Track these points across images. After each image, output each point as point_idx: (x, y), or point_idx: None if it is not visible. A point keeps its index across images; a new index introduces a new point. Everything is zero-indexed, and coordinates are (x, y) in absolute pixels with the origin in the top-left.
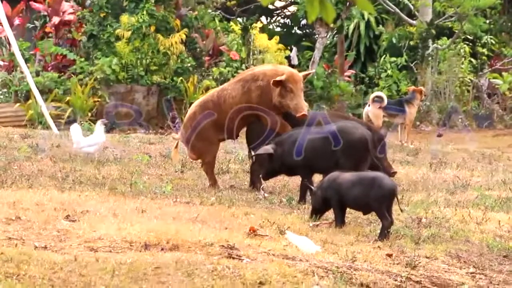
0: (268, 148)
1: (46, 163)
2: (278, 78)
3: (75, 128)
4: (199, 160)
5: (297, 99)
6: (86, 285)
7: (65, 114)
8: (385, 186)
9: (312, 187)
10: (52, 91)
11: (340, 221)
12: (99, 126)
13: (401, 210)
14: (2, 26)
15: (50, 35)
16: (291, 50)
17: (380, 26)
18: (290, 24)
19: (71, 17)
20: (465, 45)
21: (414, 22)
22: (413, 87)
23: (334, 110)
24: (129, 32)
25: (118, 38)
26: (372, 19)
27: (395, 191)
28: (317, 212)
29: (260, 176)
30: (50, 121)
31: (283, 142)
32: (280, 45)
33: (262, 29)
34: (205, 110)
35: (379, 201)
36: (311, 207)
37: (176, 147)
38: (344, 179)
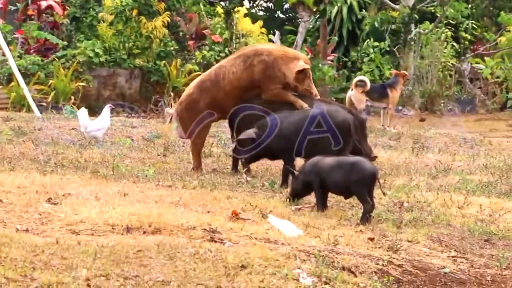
0: (250, 133)
1: (28, 146)
2: (303, 66)
3: (83, 112)
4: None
5: (312, 84)
6: (67, 268)
7: (48, 98)
8: (366, 170)
9: (295, 171)
10: (34, 74)
11: (321, 205)
12: (106, 111)
13: (384, 194)
14: None
15: (32, 17)
16: (274, 34)
17: (363, 10)
18: (273, 8)
19: (52, 3)
20: (447, 30)
21: (397, 6)
22: (395, 71)
23: None
24: (112, 16)
25: (100, 21)
26: (355, 3)
27: (376, 175)
28: (297, 195)
29: (243, 160)
30: (33, 104)
31: (265, 126)
32: (264, 29)
33: (246, 13)
34: (202, 90)
35: (360, 185)
36: (290, 188)
37: (170, 121)
38: (325, 163)
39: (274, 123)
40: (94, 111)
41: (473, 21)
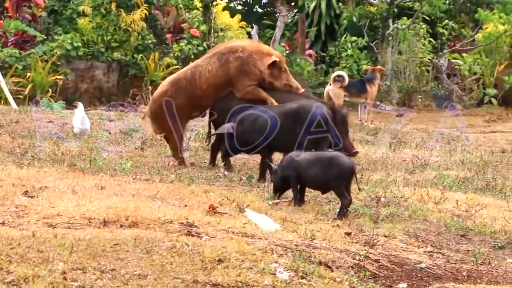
0: (228, 127)
1: (4, 138)
2: (273, 59)
3: (81, 108)
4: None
5: (291, 78)
6: (44, 261)
7: (25, 90)
8: (343, 165)
9: (273, 165)
10: (11, 67)
11: (298, 200)
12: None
13: (359, 189)
14: None
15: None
16: (252, 28)
17: (341, 5)
18: (251, 2)
19: None
20: (424, 26)
21: (375, 1)
22: (371, 66)
23: None
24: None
25: (79, 14)
26: None
27: (354, 170)
28: (278, 190)
29: (221, 154)
30: (9, 97)
31: (243, 121)
32: (243, 23)
33: (224, 7)
34: (177, 89)
35: (338, 180)
36: (273, 185)
37: (143, 118)
38: (303, 159)
39: (252, 118)
40: (70, 105)
41: (450, 18)
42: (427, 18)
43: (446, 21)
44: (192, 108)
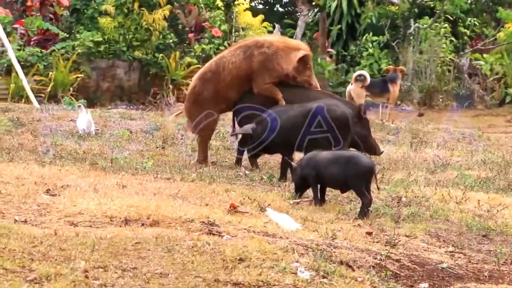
0: (247, 128)
1: (26, 137)
2: (302, 54)
3: (83, 109)
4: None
5: (313, 76)
6: (66, 260)
7: (46, 89)
8: (362, 164)
9: (293, 164)
10: (34, 66)
11: (318, 199)
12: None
13: (378, 189)
14: None
15: (32, 8)
16: (274, 27)
17: (363, 5)
18: (272, 1)
19: None
20: (446, 25)
21: (396, 1)
22: (392, 66)
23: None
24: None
25: (101, 13)
26: None
27: (373, 169)
28: (299, 189)
29: (248, 156)
30: (31, 95)
31: (263, 121)
32: (265, 23)
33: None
34: (204, 82)
35: (357, 180)
36: (294, 184)
37: (177, 115)
38: (322, 158)
39: (271, 118)
40: (92, 103)
41: (473, 18)
42: (448, 17)
43: (468, 19)
44: (219, 101)
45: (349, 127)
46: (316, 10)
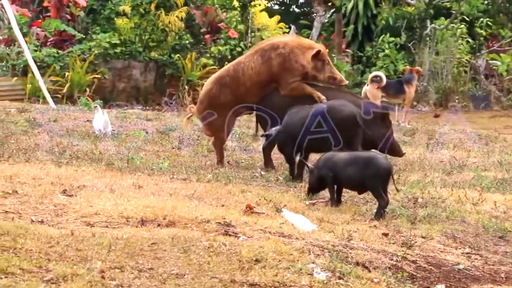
0: (271, 131)
1: (43, 137)
2: (316, 50)
3: (99, 110)
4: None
5: (335, 70)
6: (82, 260)
7: (63, 90)
8: (380, 165)
9: (309, 165)
10: (50, 66)
11: (335, 200)
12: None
13: (397, 190)
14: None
15: (48, 8)
16: (289, 28)
17: (380, 5)
18: (288, 2)
19: None
20: (462, 26)
21: (412, 2)
22: (409, 67)
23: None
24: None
25: (117, 14)
26: None
27: (390, 170)
28: (313, 190)
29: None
30: (48, 96)
31: (284, 123)
32: (281, 24)
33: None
34: (221, 86)
35: (375, 181)
36: (308, 185)
37: (189, 118)
38: (339, 159)
39: (287, 119)
40: (108, 103)
41: (489, 19)
42: (465, 18)
43: (483, 19)
44: (235, 106)
45: (357, 125)
46: (332, 11)
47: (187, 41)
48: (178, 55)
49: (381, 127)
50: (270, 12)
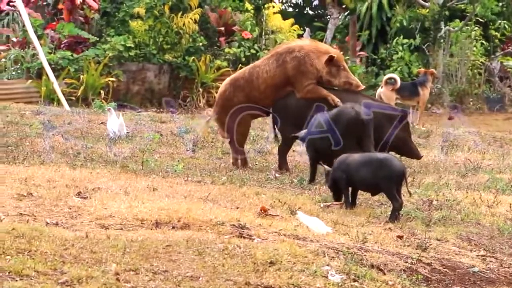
0: (301, 133)
1: (57, 140)
2: (329, 55)
3: (113, 112)
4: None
5: (351, 75)
6: (97, 262)
7: (77, 92)
8: (394, 167)
9: (326, 167)
10: (64, 69)
11: (349, 202)
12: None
13: (410, 194)
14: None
15: (62, 11)
16: (304, 30)
17: (394, 8)
18: (302, 4)
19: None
20: (477, 28)
21: (427, 4)
22: (423, 69)
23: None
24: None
25: (132, 17)
26: (385, 1)
27: (404, 172)
28: (336, 193)
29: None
30: (62, 98)
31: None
32: (295, 26)
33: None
34: (236, 88)
35: (389, 183)
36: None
37: (207, 122)
38: (353, 160)
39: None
40: (122, 106)
41: (505, 21)
42: (479, 20)
43: (499, 21)
44: (253, 108)
45: (365, 125)
46: (346, 13)
47: (201, 44)
48: (192, 57)
49: (400, 130)
50: (284, 15)
